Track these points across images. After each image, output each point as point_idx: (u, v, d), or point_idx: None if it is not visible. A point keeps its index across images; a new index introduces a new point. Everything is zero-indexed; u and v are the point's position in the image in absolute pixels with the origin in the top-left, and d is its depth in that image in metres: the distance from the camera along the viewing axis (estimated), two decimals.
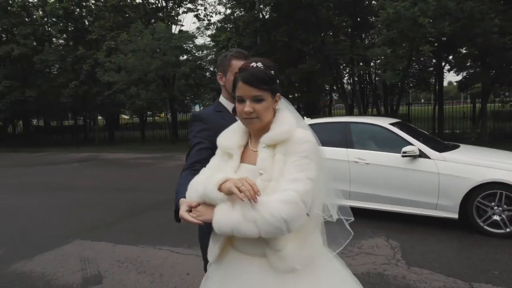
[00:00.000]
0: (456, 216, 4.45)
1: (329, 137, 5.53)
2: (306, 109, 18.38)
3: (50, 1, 21.38)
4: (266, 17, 16.38)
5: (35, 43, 22.04)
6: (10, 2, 22.36)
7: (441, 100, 14.64)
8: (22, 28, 21.03)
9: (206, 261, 1.83)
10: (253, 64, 1.37)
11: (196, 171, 1.68)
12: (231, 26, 18.22)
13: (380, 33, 10.18)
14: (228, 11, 17.69)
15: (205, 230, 1.62)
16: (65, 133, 26.22)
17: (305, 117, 6.83)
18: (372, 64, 15.94)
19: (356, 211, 5.07)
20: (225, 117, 1.86)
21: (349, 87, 20.86)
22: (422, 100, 41.55)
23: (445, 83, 20.12)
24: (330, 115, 17.99)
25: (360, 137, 5.42)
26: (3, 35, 23.77)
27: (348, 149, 5.24)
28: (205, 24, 19.32)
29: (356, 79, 17.51)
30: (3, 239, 4.90)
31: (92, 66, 18.65)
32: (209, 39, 19.21)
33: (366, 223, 4.96)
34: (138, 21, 17.06)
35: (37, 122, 33.36)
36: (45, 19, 23.01)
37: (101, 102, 19.67)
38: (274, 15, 15.65)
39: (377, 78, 18.22)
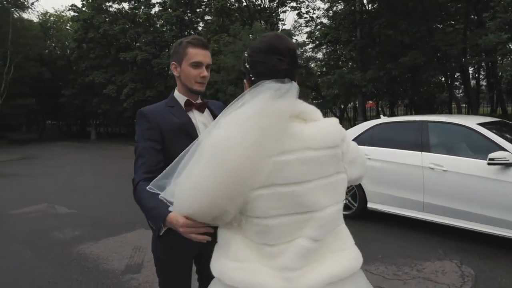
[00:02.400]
0: None
1: (401, 138, 4.86)
2: (413, 106, 16.66)
3: (169, 10, 23.77)
4: (368, 8, 15.34)
5: (155, 49, 24.82)
6: (137, 13, 25.60)
7: None
8: (144, 36, 23.85)
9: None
10: None
11: (151, 181, 1.53)
12: (330, 22, 17.59)
13: (494, 17, 8.52)
14: (327, 5, 17.11)
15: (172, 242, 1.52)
16: None
17: (381, 115, 6.14)
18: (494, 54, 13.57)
19: (429, 226, 4.39)
20: (176, 112, 1.68)
21: (473, 83, 18.25)
22: None
23: None
24: (450, 113, 16.01)
25: (438, 139, 4.59)
26: (132, 43, 27.36)
27: (423, 152, 4.48)
28: (304, 21, 19.04)
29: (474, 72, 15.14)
30: (86, 222, 5.52)
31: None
32: (305, 36, 18.93)
33: (439, 241, 4.18)
34: (237, 23, 17.72)
35: None
36: (164, 28, 25.69)
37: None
38: (374, 6, 14.53)
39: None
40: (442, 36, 12.43)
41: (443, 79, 14.86)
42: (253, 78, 1.15)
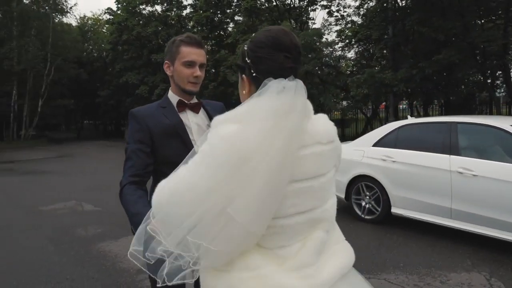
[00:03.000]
0: None
1: (428, 140, 4.62)
2: (450, 106, 15.90)
3: (200, 12, 24.10)
4: (400, 4, 14.80)
5: None
6: (169, 15, 26.15)
7: None
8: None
9: None
10: None
11: (137, 184, 1.51)
12: (362, 19, 17.14)
13: None
14: (358, 3, 16.67)
15: None
16: None
17: (409, 116, 5.88)
18: None
19: (457, 234, 4.15)
20: (167, 113, 1.63)
21: None
22: None
23: None
24: (490, 113, 15.17)
25: (468, 141, 4.31)
26: (164, 45, 27.99)
27: (451, 156, 4.22)
28: (334, 20, 18.63)
29: None
30: (109, 220, 5.63)
31: (229, 68, 20.25)
32: (335, 35, 18.52)
33: (468, 251, 3.92)
34: (265, 23, 17.65)
35: None
36: (195, 29, 26.08)
37: (235, 101, 21.17)
38: (407, 2, 13.99)
39: None
40: (479, 32, 11.78)
41: (482, 78, 14.08)
42: (254, 75, 1.05)
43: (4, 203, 6.93)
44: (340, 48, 17.33)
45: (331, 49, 17.15)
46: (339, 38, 17.89)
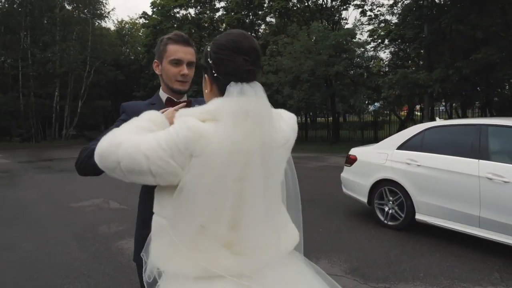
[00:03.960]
0: None
1: (456, 143, 4.37)
2: (493, 107, 15.03)
3: (231, 14, 24.38)
4: (436, 2, 14.20)
5: None
6: (202, 17, 26.62)
7: None
8: (208, 39, 24.69)
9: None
10: None
11: None
12: (396, 18, 16.62)
13: None
14: (392, 1, 16.19)
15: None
16: None
17: (437, 118, 5.59)
18: None
19: (486, 244, 3.91)
20: (156, 110, 1.62)
21: None
22: None
23: None
24: None
25: (500, 145, 4.03)
26: (198, 48, 28.54)
27: (480, 160, 3.96)
28: (367, 19, 18.19)
29: None
30: (132, 218, 5.76)
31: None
32: (367, 34, 18.07)
33: (496, 263, 3.66)
34: (294, 23, 17.52)
35: None
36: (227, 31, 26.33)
37: None
38: None
39: None
40: None
41: None
42: (215, 75, 1.11)
43: (39, 199, 7.28)
44: (372, 48, 16.89)
45: (363, 50, 16.73)
46: (371, 38, 17.42)
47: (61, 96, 26.64)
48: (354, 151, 5.62)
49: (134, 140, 1.03)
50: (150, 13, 28.10)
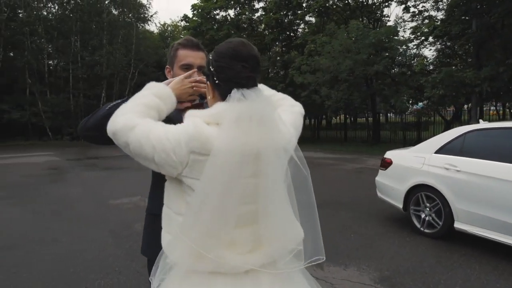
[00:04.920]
0: None
1: (501, 148, 4.08)
2: None
3: (270, 14, 24.39)
4: None
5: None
6: (241, 18, 26.84)
7: None
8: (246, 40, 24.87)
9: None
10: None
11: None
12: (443, 14, 15.79)
13: None
14: None
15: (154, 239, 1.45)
16: None
17: (481, 120, 5.27)
18: None
19: None
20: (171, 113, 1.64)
21: None
22: None
23: None
24: None
25: None
26: None
27: None
28: (410, 16, 17.43)
29: None
30: None
31: (297, 69, 20.15)
32: (409, 32, 17.32)
33: None
34: (332, 22, 17.17)
35: None
36: (265, 31, 26.42)
37: (303, 103, 20.97)
38: None
39: None
40: None
41: None
42: (217, 82, 1.17)
43: (82, 196, 7.68)
44: (415, 46, 16.16)
45: (405, 47, 16.06)
46: (414, 35, 16.70)
47: (108, 97, 27.97)
48: (389, 154, 5.41)
49: (145, 128, 1.11)
50: (190, 15, 28.77)
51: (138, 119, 1.14)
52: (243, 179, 1.09)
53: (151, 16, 32.11)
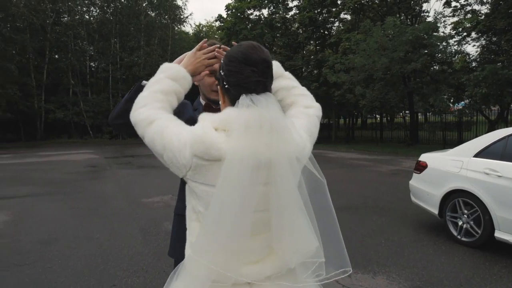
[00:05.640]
0: None
1: None
2: None
3: (303, 13, 24.13)
4: None
5: (289, 51, 25.55)
6: (274, 17, 26.76)
7: None
8: (279, 39, 24.77)
9: None
10: None
11: None
12: (485, 8, 14.93)
13: None
14: None
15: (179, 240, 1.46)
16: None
17: None
18: None
19: None
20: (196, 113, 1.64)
21: None
22: None
23: None
24: None
25: None
26: (271, 47, 28.82)
27: None
28: (451, 11, 16.55)
29: None
30: None
31: (331, 68, 19.81)
32: (450, 27, 16.42)
33: None
34: (367, 19, 16.67)
35: None
36: (299, 30, 26.18)
37: (337, 102, 20.61)
38: None
39: None
40: None
41: None
42: (226, 86, 1.15)
43: (116, 194, 7.94)
44: (456, 42, 15.34)
45: (445, 44, 15.31)
46: (455, 31, 15.88)
47: None
48: (424, 157, 5.16)
49: (162, 125, 1.11)
50: (225, 15, 29.07)
51: (159, 113, 1.15)
52: (256, 187, 1.06)
53: (187, 17, 32.92)
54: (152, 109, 1.16)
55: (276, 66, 1.35)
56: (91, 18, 29.38)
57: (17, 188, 8.61)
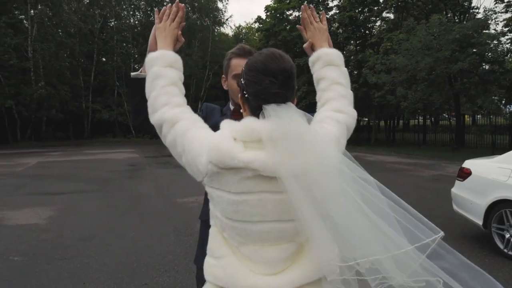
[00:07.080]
0: None
1: None
2: None
3: (343, 12, 23.67)
4: None
5: None
6: None
7: None
8: None
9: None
10: None
11: None
12: None
13: None
14: None
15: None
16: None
17: None
18: None
19: None
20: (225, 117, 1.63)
21: None
22: None
23: None
24: None
25: None
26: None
27: None
28: (504, 6, 15.44)
29: None
30: None
31: (371, 68, 19.26)
32: (502, 24, 15.37)
33: None
34: (411, 18, 16.00)
35: None
36: (339, 30, 25.70)
37: (377, 103, 20.00)
38: None
39: None
40: None
41: None
42: (246, 95, 1.12)
43: (152, 193, 8.18)
44: (509, 41, 14.33)
45: (496, 42, 14.37)
46: (507, 28, 14.86)
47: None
48: (468, 164, 4.86)
49: (185, 127, 1.12)
50: (264, 17, 29.14)
51: (182, 114, 1.15)
52: (274, 195, 1.04)
53: (227, 19, 33.33)
54: (174, 107, 1.16)
55: (336, 54, 1.35)
56: (136, 22, 30.59)
57: (63, 185, 9.12)
